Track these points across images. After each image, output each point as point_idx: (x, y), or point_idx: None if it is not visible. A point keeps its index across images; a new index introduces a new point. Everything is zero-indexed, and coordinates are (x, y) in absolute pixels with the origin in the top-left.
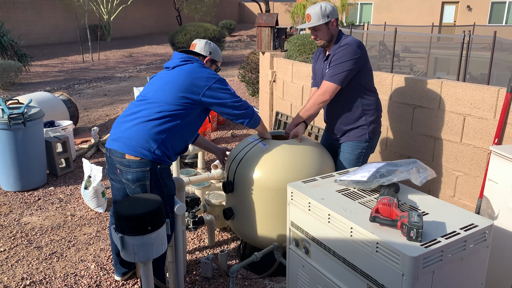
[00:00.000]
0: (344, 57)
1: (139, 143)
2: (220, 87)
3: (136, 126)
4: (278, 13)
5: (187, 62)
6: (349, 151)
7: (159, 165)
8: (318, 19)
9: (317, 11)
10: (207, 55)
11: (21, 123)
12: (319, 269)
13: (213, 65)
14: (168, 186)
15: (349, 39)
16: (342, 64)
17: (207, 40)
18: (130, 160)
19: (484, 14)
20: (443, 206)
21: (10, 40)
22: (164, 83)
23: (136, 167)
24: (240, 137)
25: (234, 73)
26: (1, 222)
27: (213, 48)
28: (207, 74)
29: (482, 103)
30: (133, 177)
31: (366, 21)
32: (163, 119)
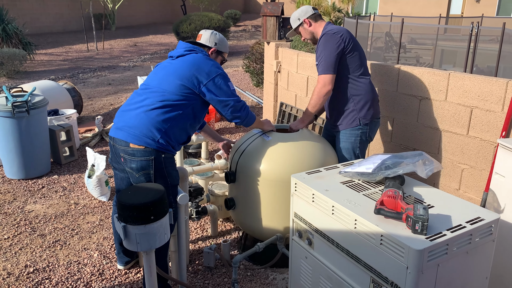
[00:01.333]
0: (323, 48)
1: (143, 132)
2: (221, 83)
3: (140, 115)
4: (284, 3)
5: (191, 52)
6: (344, 140)
7: (163, 154)
8: (294, 23)
9: (292, 18)
10: (212, 46)
11: (25, 111)
12: (322, 260)
13: (219, 56)
14: (172, 176)
15: (326, 29)
16: (323, 55)
17: (213, 30)
18: (134, 149)
19: (492, 6)
20: (449, 199)
21: (14, 28)
22: (167, 73)
23: (141, 156)
24: (244, 128)
25: (238, 63)
26: (5, 209)
27: (219, 39)
28: (210, 67)
29: (490, 95)
30: (137, 166)
31: (373, 12)
32: (165, 108)
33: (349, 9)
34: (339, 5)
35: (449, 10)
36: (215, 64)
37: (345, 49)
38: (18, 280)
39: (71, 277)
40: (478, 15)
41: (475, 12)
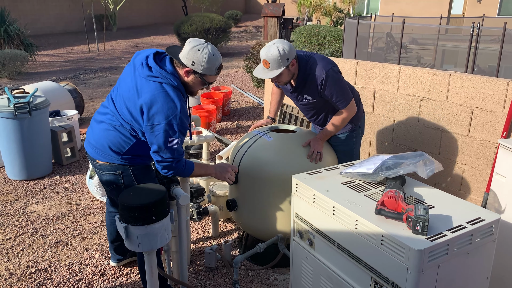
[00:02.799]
0: (335, 87)
1: (106, 149)
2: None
3: (102, 133)
4: (285, 4)
5: (157, 78)
6: (340, 143)
7: (131, 167)
8: (279, 65)
9: (275, 56)
10: (187, 65)
11: (26, 112)
12: (323, 261)
13: (198, 78)
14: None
15: (318, 70)
16: (340, 90)
17: (201, 43)
18: (101, 164)
19: (493, 6)
20: (450, 199)
21: (16, 30)
22: (126, 96)
23: (108, 170)
24: (245, 129)
25: (239, 64)
26: (7, 210)
27: (198, 59)
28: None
29: (491, 95)
30: (107, 180)
31: (373, 12)
32: (122, 130)
33: (350, 9)
34: (340, 6)
35: (450, 10)
36: (172, 108)
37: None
38: (20, 280)
39: (72, 278)
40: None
41: (477, 12)
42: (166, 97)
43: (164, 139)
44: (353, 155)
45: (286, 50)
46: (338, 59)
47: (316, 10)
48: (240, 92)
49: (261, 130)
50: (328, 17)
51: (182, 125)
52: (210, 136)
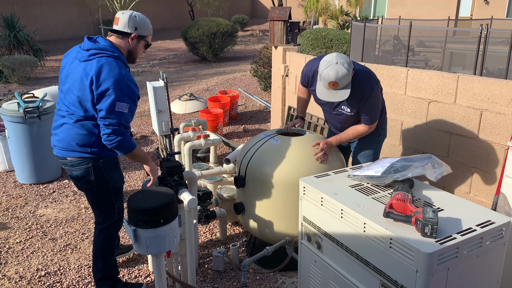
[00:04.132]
0: (376, 102)
1: (74, 146)
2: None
3: (66, 133)
4: (291, 7)
5: (95, 56)
6: (364, 147)
7: (101, 159)
8: (346, 82)
9: (344, 75)
10: (132, 32)
11: (36, 116)
12: (332, 264)
13: (141, 41)
14: (114, 179)
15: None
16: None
17: (132, 11)
18: (72, 161)
19: (502, 8)
20: (459, 202)
21: (25, 35)
22: (71, 85)
23: (78, 165)
24: (252, 132)
25: (246, 67)
26: (17, 214)
27: (139, 22)
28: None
29: (500, 98)
30: (77, 175)
31: (380, 15)
32: (80, 123)
33: (357, 12)
34: (346, 9)
35: (458, 12)
36: (117, 74)
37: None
38: (30, 283)
39: (81, 281)
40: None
41: (485, 14)
42: (110, 66)
43: (112, 101)
44: (375, 158)
45: (349, 63)
46: None
47: (323, 14)
48: (247, 95)
49: (268, 133)
50: (335, 21)
51: (129, 90)
52: (217, 140)
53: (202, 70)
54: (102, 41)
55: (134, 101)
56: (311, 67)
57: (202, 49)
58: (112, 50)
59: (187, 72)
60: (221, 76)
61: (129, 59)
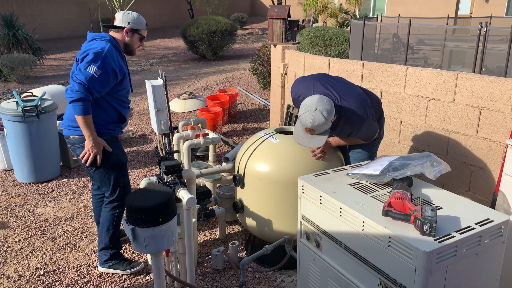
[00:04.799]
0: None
1: (74, 123)
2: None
3: (67, 112)
4: (290, 5)
5: (93, 40)
6: (360, 151)
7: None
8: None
9: (321, 124)
10: (125, 26)
11: (35, 115)
12: (330, 263)
13: (135, 34)
14: (113, 154)
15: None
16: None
17: (127, 11)
18: (74, 139)
19: (501, 6)
20: (458, 200)
21: (24, 34)
22: (73, 67)
23: (79, 143)
24: (251, 131)
25: (245, 66)
26: (16, 213)
27: (132, 18)
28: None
29: (499, 96)
30: (79, 153)
31: (380, 13)
32: None
33: (356, 10)
34: (346, 7)
35: (458, 10)
36: (100, 46)
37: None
38: (29, 282)
39: (80, 280)
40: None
41: (484, 12)
42: (99, 43)
43: (86, 63)
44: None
45: (329, 111)
46: (344, 61)
47: (322, 12)
48: (246, 94)
49: (267, 132)
50: (334, 19)
51: (105, 60)
52: (216, 138)
53: (201, 68)
54: (102, 32)
55: (107, 71)
56: (296, 95)
57: (202, 47)
58: (105, 36)
59: (186, 71)
60: (220, 74)
61: (127, 51)
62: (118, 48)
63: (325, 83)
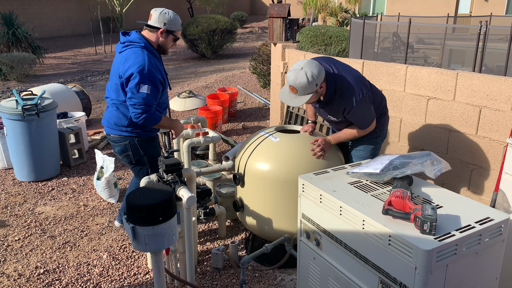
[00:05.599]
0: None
1: (115, 124)
2: (134, 82)
3: (108, 114)
4: (290, 4)
5: (127, 47)
6: (362, 149)
7: (136, 138)
8: (306, 92)
9: (303, 84)
10: (161, 27)
11: (34, 114)
12: (330, 261)
13: (170, 35)
14: (148, 154)
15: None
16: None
17: (163, 9)
18: (114, 137)
19: (501, 5)
20: (458, 199)
21: (24, 33)
22: (112, 73)
23: (119, 142)
24: (251, 129)
25: (245, 65)
26: (16, 211)
27: (168, 18)
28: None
29: (499, 94)
30: (118, 150)
31: (380, 12)
32: (119, 105)
33: (356, 9)
34: (346, 6)
35: (457, 9)
36: (140, 60)
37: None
38: (29, 281)
39: (80, 278)
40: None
41: (484, 11)
42: (135, 55)
43: (135, 85)
44: None
45: (315, 75)
46: (344, 59)
47: (322, 11)
48: (246, 93)
49: (267, 131)
50: (334, 18)
51: (151, 75)
52: (216, 137)
53: (201, 67)
54: (133, 34)
55: (155, 84)
56: None
57: (201, 46)
58: (139, 41)
59: (186, 69)
60: (220, 73)
61: (160, 51)
62: (153, 51)
63: (329, 61)
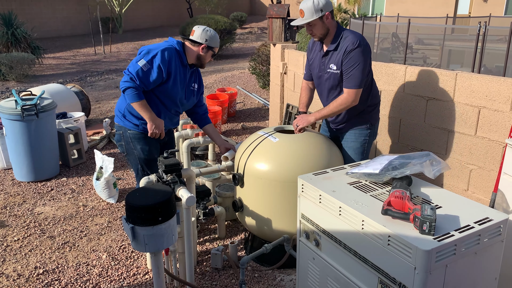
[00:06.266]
0: (358, 60)
1: (118, 109)
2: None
3: (119, 98)
4: (290, 4)
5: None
6: (353, 140)
7: (128, 130)
8: (312, 14)
9: (309, 6)
10: (203, 43)
11: (34, 114)
12: (330, 261)
13: (209, 51)
14: (138, 149)
15: (353, 38)
16: (358, 68)
17: (205, 27)
18: (115, 124)
19: (500, 5)
20: (457, 199)
21: (23, 33)
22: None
23: (117, 130)
24: (250, 130)
25: (244, 65)
26: (15, 212)
27: (209, 36)
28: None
29: (498, 95)
30: (116, 138)
31: (379, 13)
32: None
33: (355, 10)
34: (345, 6)
35: (457, 10)
36: (160, 44)
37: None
38: (28, 281)
39: (80, 278)
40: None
41: (483, 12)
42: (162, 43)
43: (138, 57)
44: (362, 153)
45: (321, 2)
46: None
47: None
48: (245, 93)
49: (266, 131)
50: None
51: (156, 57)
52: None
53: None
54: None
55: (153, 67)
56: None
57: None
58: (176, 44)
59: None
60: (220, 73)
61: (197, 64)
62: (182, 56)
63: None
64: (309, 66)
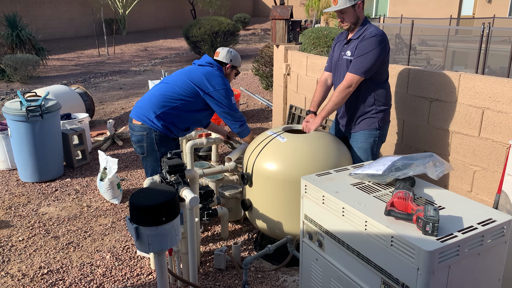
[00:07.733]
0: (369, 49)
1: (144, 111)
2: (223, 95)
3: (146, 99)
4: (293, 6)
5: (210, 65)
6: (362, 140)
7: (155, 132)
8: (345, 2)
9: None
10: (228, 63)
11: (38, 115)
12: (333, 262)
13: (233, 70)
14: (161, 152)
15: (375, 29)
16: (366, 56)
17: (229, 49)
18: (134, 124)
19: (504, 6)
20: (460, 200)
21: (28, 34)
22: (183, 72)
23: (137, 130)
24: (254, 131)
25: (248, 66)
26: (20, 212)
27: (233, 56)
28: (220, 80)
29: (502, 96)
30: (135, 139)
31: (382, 14)
32: (167, 96)
33: None
34: None
35: (460, 11)
36: (224, 79)
37: (385, 55)
38: (32, 281)
39: (84, 279)
40: (490, 15)
41: (487, 13)
42: (218, 75)
43: (228, 100)
44: (370, 154)
45: None
46: None
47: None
48: (248, 94)
49: (274, 131)
50: (336, 20)
51: (232, 93)
52: (218, 139)
53: None
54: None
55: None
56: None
57: (204, 48)
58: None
59: None
60: None
61: None
62: None
63: None
64: (332, 55)
